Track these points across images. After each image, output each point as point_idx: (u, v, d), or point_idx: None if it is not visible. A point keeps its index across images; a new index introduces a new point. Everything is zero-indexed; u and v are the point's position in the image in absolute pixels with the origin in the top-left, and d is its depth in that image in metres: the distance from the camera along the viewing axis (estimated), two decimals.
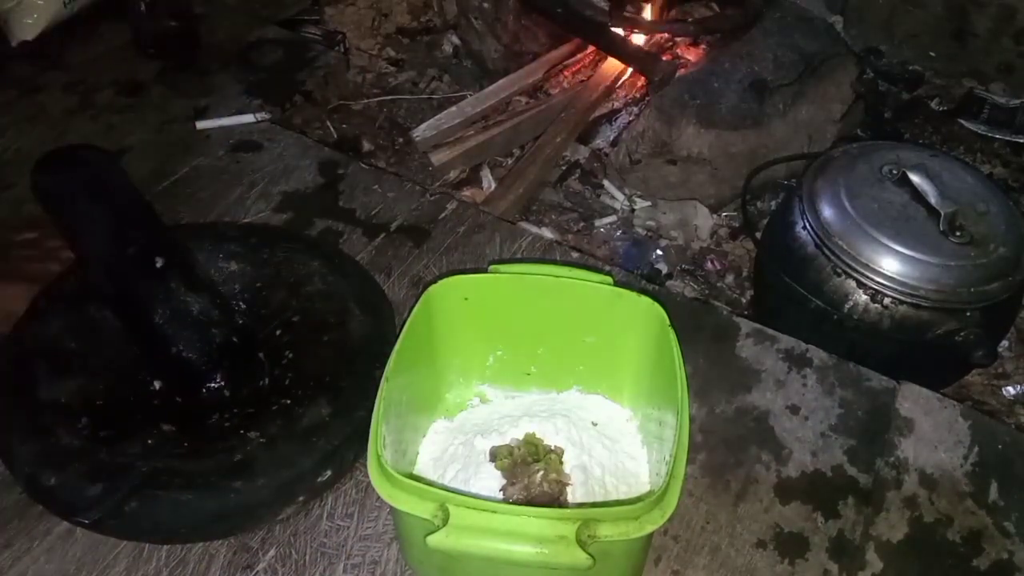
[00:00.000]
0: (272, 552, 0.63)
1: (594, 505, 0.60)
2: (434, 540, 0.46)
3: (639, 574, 0.61)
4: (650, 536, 0.54)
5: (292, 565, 0.62)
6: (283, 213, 0.92)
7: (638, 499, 0.51)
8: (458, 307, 0.65)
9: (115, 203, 0.62)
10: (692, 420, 0.73)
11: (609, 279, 0.64)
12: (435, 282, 0.63)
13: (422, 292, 0.63)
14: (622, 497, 0.62)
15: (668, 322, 0.60)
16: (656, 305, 0.62)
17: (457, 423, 0.68)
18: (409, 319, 0.61)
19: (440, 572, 0.57)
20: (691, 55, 1.22)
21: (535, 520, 0.47)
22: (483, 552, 0.46)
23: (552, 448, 0.64)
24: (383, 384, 0.55)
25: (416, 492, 0.49)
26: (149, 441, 0.62)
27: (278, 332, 0.72)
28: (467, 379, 0.70)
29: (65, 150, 0.63)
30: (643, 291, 0.63)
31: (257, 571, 0.62)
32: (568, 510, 0.48)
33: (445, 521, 0.47)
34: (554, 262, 0.65)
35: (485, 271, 0.65)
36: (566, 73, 1.28)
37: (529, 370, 0.70)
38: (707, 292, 1.04)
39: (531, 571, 0.48)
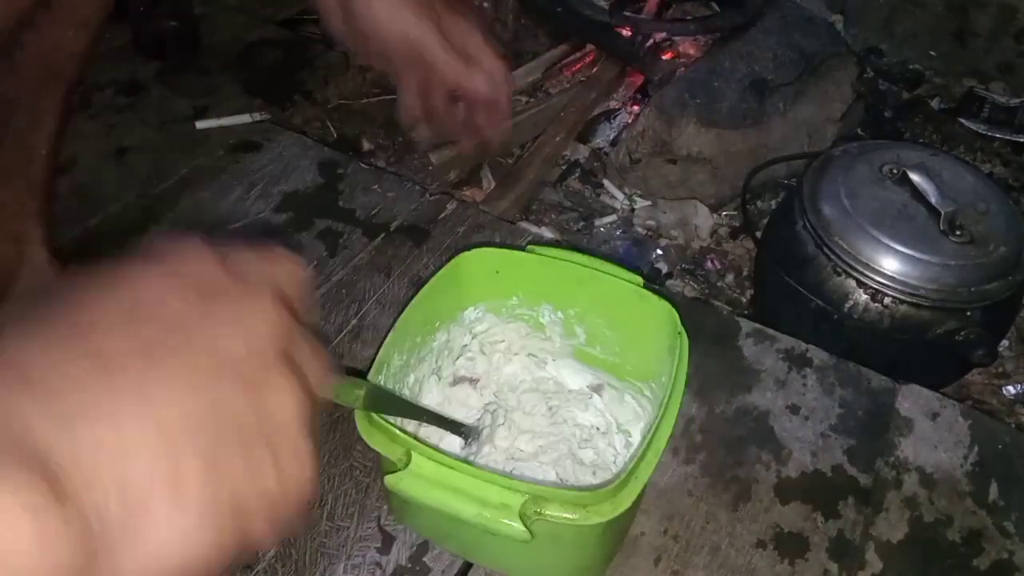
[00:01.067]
0: (272, 552, 0.63)
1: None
2: (390, 480, 0.48)
3: (601, 569, 0.61)
4: (610, 532, 0.55)
5: (292, 565, 0.62)
6: (283, 213, 0.92)
7: (599, 486, 0.51)
8: (486, 279, 0.65)
9: None
10: (692, 420, 0.73)
11: (639, 279, 0.64)
12: (467, 249, 0.63)
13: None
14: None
15: (681, 330, 0.60)
16: (675, 312, 0.61)
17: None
18: (432, 279, 0.61)
19: (400, 509, 0.62)
20: (691, 54, 1.22)
21: (485, 484, 0.48)
22: (428, 501, 0.48)
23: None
24: (395, 327, 0.58)
25: (388, 434, 0.50)
26: None
27: None
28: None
29: None
30: (665, 296, 0.63)
31: (257, 571, 0.62)
32: (519, 482, 0.49)
33: (406, 466, 0.48)
34: (589, 252, 0.65)
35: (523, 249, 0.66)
36: (566, 72, 1.28)
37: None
38: (707, 292, 1.04)
39: (479, 534, 0.48)
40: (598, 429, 0.68)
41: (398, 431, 0.50)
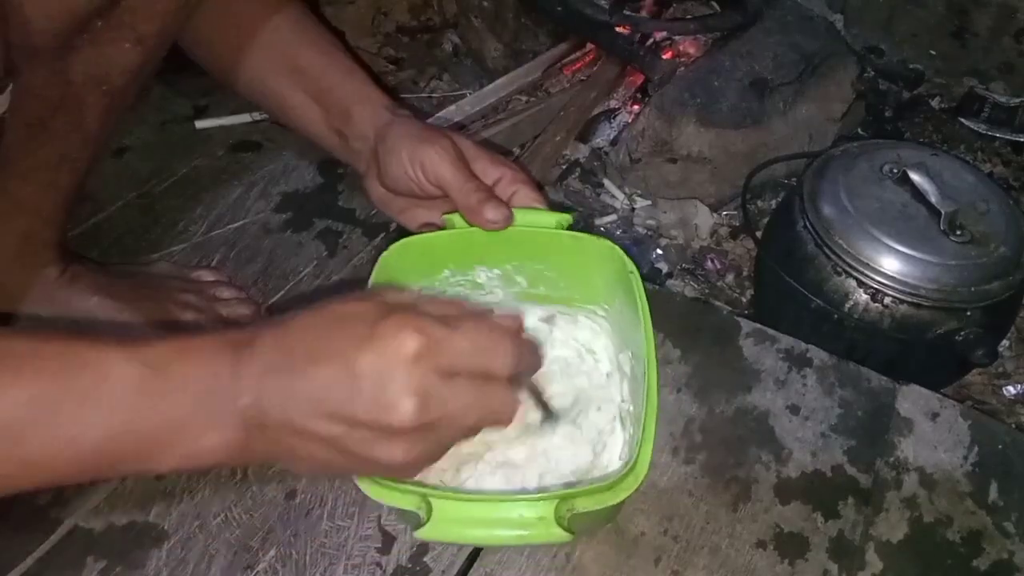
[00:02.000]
0: (272, 552, 0.63)
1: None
2: (421, 534, 0.48)
3: (614, 517, 0.64)
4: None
5: (292, 565, 0.62)
6: (283, 213, 0.92)
7: (608, 481, 0.52)
8: (416, 266, 0.64)
9: None
10: (692, 420, 0.73)
11: (567, 217, 0.63)
12: (386, 248, 0.62)
13: (376, 260, 0.62)
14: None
15: (630, 267, 0.61)
16: (616, 248, 0.61)
17: None
18: (369, 284, 0.60)
19: None
20: (691, 54, 1.22)
21: (514, 504, 0.49)
22: (467, 541, 0.51)
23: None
24: None
25: (398, 489, 0.51)
26: None
27: None
28: None
29: None
30: (601, 234, 0.64)
31: (257, 571, 0.62)
32: (546, 494, 0.50)
33: (429, 514, 0.49)
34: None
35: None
36: (566, 72, 1.28)
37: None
38: (707, 291, 1.04)
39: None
40: (566, 361, 0.68)
41: (406, 484, 0.51)
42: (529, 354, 0.48)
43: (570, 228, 0.63)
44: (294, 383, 0.43)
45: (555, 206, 0.64)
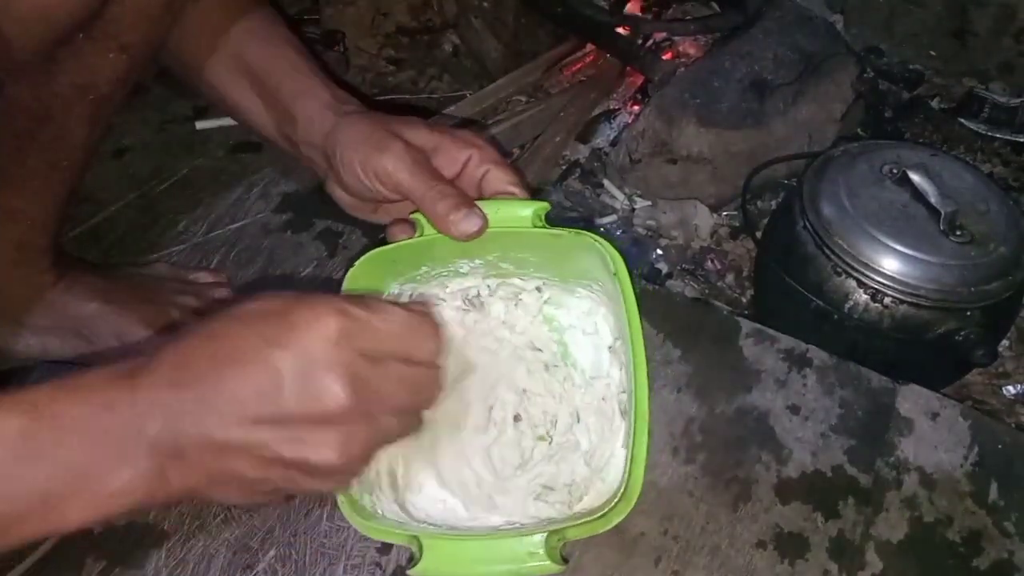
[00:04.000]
0: (272, 552, 0.63)
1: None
2: (415, 572, 0.48)
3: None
4: None
5: (292, 565, 0.62)
6: (283, 213, 0.92)
7: (599, 510, 0.49)
8: (387, 275, 0.59)
9: None
10: (692, 420, 0.73)
11: (544, 206, 0.56)
12: (352, 264, 0.56)
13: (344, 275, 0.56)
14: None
15: (614, 267, 0.54)
16: (597, 244, 0.54)
17: None
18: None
19: None
20: (691, 54, 1.22)
21: (505, 541, 0.49)
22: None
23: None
24: None
25: (390, 525, 0.50)
26: None
27: None
28: None
29: None
30: (580, 229, 0.56)
31: (257, 571, 0.62)
32: (534, 529, 0.50)
33: (421, 551, 0.48)
34: (480, 198, 0.57)
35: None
36: (566, 72, 1.28)
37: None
38: (707, 292, 1.04)
39: None
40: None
41: (398, 525, 0.50)
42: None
43: (547, 216, 0.57)
44: (207, 394, 0.39)
45: (534, 195, 0.58)
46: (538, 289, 0.61)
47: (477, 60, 1.32)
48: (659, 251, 1.07)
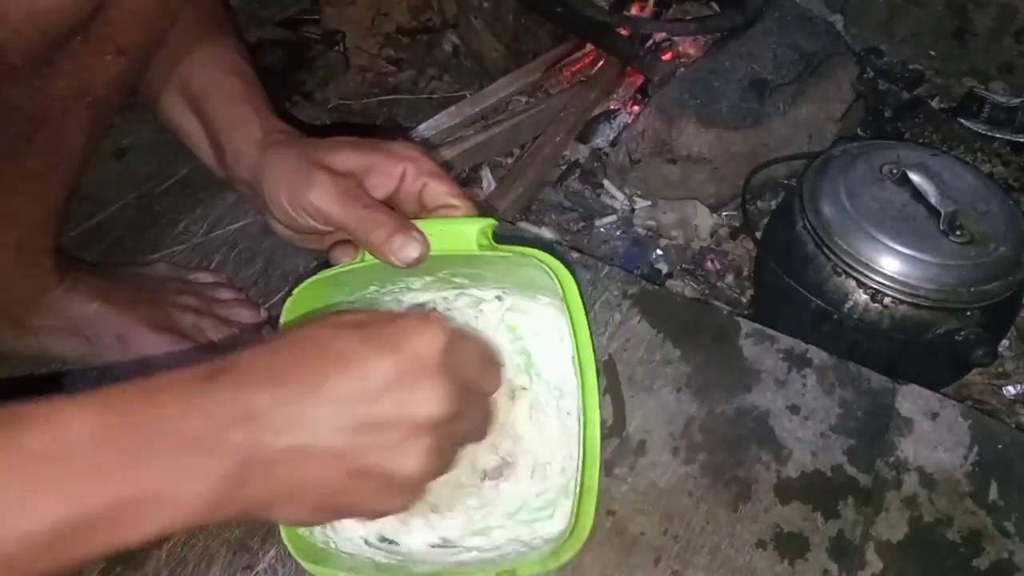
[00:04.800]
0: (272, 552, 0.63)
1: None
2: None
3: None
4: None
5: (292, 565, 0.62)
6: None
7: (550, 548, 0.49)
8: (338, 294, 0.55)
9: None
10: (692, 420, 0.73)
11: (490, 223, 0.51)
12: (290, 294, 0.52)
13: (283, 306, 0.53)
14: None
15: (562, 292, 0.50)
16: (544, 267, 0.50)
17: None
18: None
19: None
20: (691, 54, 1.22)
21: None
22: None
23: None
24: None
25: (347, 569, 0.50)
26: None
27: None
28: None
29: None
30: (529, 246, 0.52)
31: (257, 571, 0.62)
32: (483, 570, 0.49)
33: None
34: (423, 219, 0.53)
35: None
36: (566, 72, 1.28)
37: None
38: (707, 292, 1.04)
39: None
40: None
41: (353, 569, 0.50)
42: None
43: (495, 233, 0.52)
44: (305, 395, 0.37)
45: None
46: (498, 298, 0.58)
47: (477, 60, 1.32)
48: (659, 251, 1.08)
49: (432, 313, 0.42)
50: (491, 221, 0.52)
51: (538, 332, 0.57)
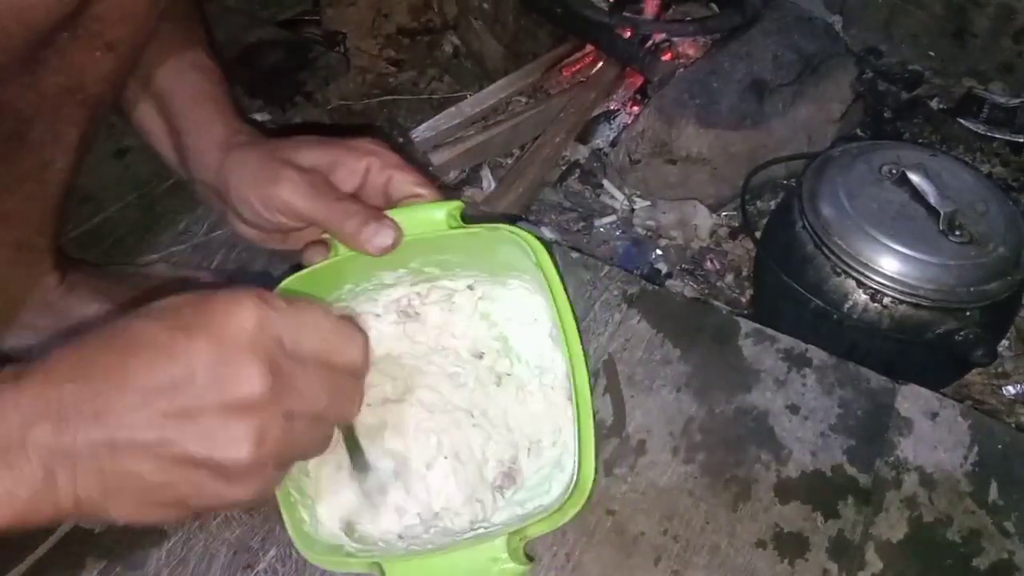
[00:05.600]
0: (272, 552, 0.63)
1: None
2: None
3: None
4: None
5: (292, 565, 0.62)
6: None
7: (554, 507, 0.49)
8: (316, 293, 0.55)
9: None
10: (692, 420, 0.73)
11: (457, 205, 0.53)
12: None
13: None
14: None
15: (536, 258, 0.52)
16: (516, 235, 0.52)
17: None
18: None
19: None
20: (691, 55, 1.22)
21: (465, 552, 0.48)
22: None
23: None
24: None
25: (347, 555, 0.50)
26: None
27: None
28: None
29: None
30: (498, 223, 0.53)
31: (257, 571, 0.62)
32: (491, 534, 0.49)
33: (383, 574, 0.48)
34: (388, 207, 0.55)
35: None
36: (565, 73, 1.28)
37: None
38: (707, 292, 1.04)
39: None
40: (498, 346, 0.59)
41: (355, 553, 0.50)
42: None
43: (462, 215, 0.54)
44: (108, 387, 0.36)
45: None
46: (470, 287, 0.59)
47: (477, 61, 1.32)
48: (659, 251, 1.08)
49: (253, 291, 0.39)
50: (458, 203, 0.53)
51: (511, 316, 0.59)
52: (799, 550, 0.65)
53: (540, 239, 0.52)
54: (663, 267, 1.06)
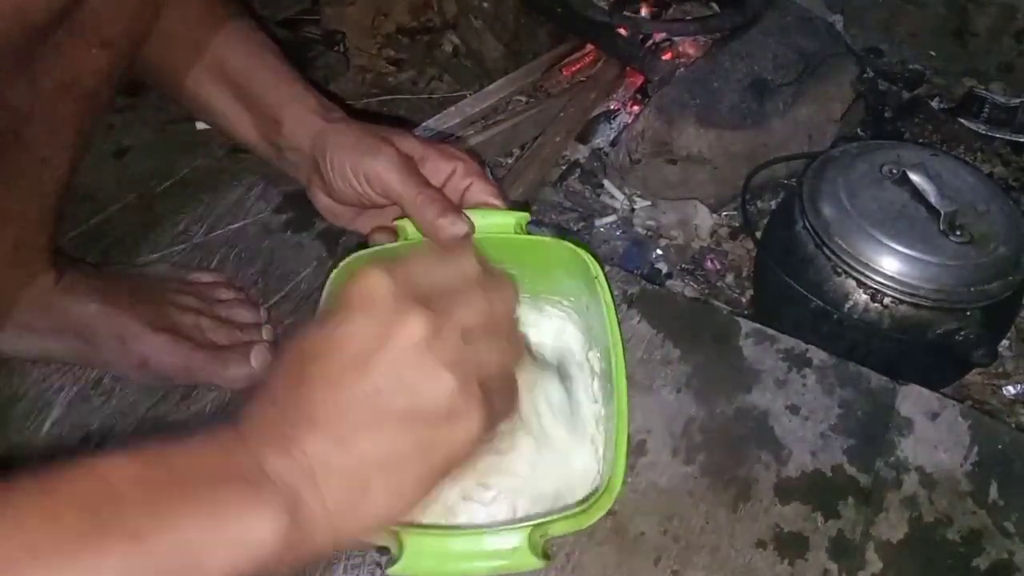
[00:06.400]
0: None
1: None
2: (395, 570, 0.47)
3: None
4: None
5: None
6: (283, 214, 0.92)
7: (581, 506, 0.50)
8: None
9: None
10: (692, 420, 0.73)
11: (525, 216, 0.59)
12: (336, 266, 0.57)
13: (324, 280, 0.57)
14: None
15: (595, 272, 0.57)
16: (578, 251, 0.58)
17: None
18: (322, 305, 0.57)
19: None
20: (691, 54, 1.22)
21: (487, 536, 0.49)
22: (443, 574, 0.49)
23: None
24: None
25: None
26: None
27: None
28: None
29: None
30: (564, 236, 0.60)
31: None
32: (519, 524, 0.49)
33: (401, 549, 0.47)
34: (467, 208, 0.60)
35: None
36: (565, 72, 1.28)
37: None
38: (707, 292, 1.04)
39: None
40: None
41: None
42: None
43: (528, 225, 0.60)
44: (312, 397, 0.38)
45: (515, 205, 0.62)
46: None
47: (477, 60, 1.32)
48: (659, 251, 1.08)
49: (403, 299, 0.40)
50: (525, 214, 0.59)
51: (543, 342, 0.64)
52: (799, 550, 0.65)
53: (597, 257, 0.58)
54: (663, 267, 1.06)
